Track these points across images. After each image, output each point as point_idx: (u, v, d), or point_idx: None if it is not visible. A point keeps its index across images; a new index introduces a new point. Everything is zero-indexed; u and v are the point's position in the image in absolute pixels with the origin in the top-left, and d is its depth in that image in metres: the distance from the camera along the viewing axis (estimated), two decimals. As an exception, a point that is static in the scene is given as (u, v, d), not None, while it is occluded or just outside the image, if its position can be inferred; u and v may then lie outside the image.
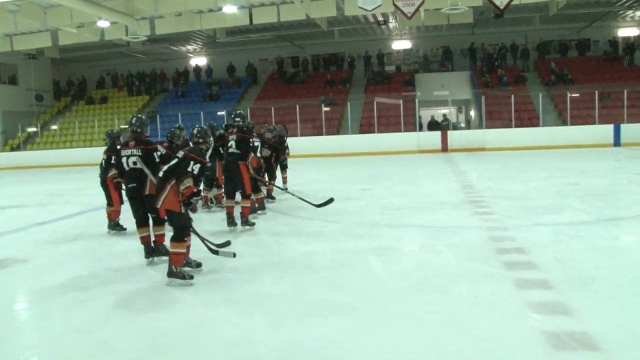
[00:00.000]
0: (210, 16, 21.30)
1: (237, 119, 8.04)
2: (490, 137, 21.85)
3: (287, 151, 11.22)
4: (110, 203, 8.15)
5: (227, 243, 6.21)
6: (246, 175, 7.78)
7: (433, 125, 24.40)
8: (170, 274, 5.24)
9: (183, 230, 5.37)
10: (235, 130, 7.97)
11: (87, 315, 4.57)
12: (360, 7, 17.48)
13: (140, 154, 6.05)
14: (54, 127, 29.00)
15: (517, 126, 22.41)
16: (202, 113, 24.06)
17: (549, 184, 11.16)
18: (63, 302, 4.95)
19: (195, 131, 5.89)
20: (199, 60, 32.36)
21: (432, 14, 22.00)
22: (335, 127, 24.83)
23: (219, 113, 25.19)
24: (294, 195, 9.32)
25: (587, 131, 21.23)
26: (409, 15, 17.13)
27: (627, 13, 26.07)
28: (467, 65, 28.29)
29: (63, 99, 32.44)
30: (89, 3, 17.62)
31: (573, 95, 22.80)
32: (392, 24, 26.24)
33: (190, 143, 6.58)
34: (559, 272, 5.09)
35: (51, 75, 32.87)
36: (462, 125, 29.17)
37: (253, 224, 7.85)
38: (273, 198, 10.23)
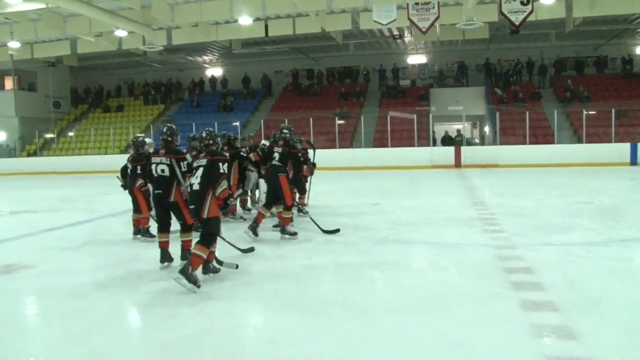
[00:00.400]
0: (226, 27, 21.42)
1: (284, 131, 8.18)
2: (504, 153, 21.66)
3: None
4: (138, 210, 8.15)
5: (251, 249, 6.76)
6: (286, 187, 7.85)
7: (447, 141, 24.25)
8: (183, 272, 5.24)
9: (212, 237, 5.54)
10: (281, 142, 8.09)
11: (86, 323, 4.54)
12: (375, 21, 17.42)
13: (168, 162, 6.14)
14: (71, 133, 29.30)
15: (531, 143, 22.19)
16: (216, 123, 24.09)
17: (561, 202, 11.01)
18: (64, 309, 4.94)
19: (204, 134, 5.99)
20: (215, 71, 32.59)
21: (447, 28, 21.93)
22: (349, 140, 24.78)
23: (233, 124, 25.29)
24: (306, 213, 9.47)
25: (602, 149, 20.93)
26: (423, 30, 17.05)
27: (645, 31, 25.84)
28: (482, 80, 28.17)
29: (80, 107, 32.77)
30: (107, 13, 17.80)
31: (589, 112, 22.56)
32: (408, 38, 26.23)
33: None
34: (567, 293, 4.97)
35: (69, 83, 33.24)
36: (476, 141, 29.01)
37: (295, 233, 7.85)
38: (305, 212, 9.84)
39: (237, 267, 5.85)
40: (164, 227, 6.36)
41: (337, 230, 8.19)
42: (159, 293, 5.34)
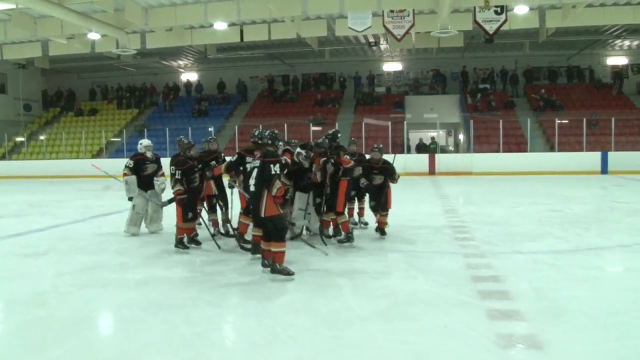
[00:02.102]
0: (201, 32, 21.25)
1: (339, 135, 8.20)
2: (478, 161, 21.83)
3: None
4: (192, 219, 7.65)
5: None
6: (342, 192, 7.67)
7: (421, 148, 24.37)
8: (274, 270, 5.83)
9: (283, 232, 5.94)
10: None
11: (43, 333, 4.41)
12: (350, 28, 17.46)
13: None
14: (42, 137, 28.78)
15: (504, 151, 22.41)
16: (190, 129, 23.91)
17: (532, 210, 11.09)
18: (21, 318, 4.79)
19: (267, 133, 6.28)
20: (190, 76, 32.36)
21: (422, 36, 22.06)
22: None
23: (209, 129, 25.10)
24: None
25: (574, 158, 21.29)
26: (399, 37, 17.13)
27: (616, 42, 26.35)
28: (457, 88, 28.41)
29: (51, 110, 32.24)
30: (79, 15, 17.53)
31: (561, 121, 22.90)
32: (383, 45, 26.35)
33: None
34: (533, 302, 4.97)
35: (40, 86, 32.72)
36: (451, 148, 29.21)
37: (348, 240, 7.62)
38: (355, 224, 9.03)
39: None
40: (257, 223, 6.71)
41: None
42: (123, 302, 5.22)
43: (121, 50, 20.72)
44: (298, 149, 7.78)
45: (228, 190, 8.33)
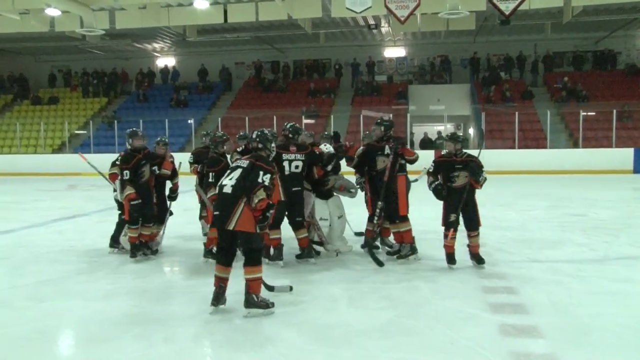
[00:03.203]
0: (179, 11, 21.16)
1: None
2: (490, 158, 21.65)
3: None
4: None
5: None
6: (403, 191, 7.40)
7: (426, 144, 24.40)
8: (249, 303, 5.14)
9: (259, 253, 5.34)
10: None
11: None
12: (348, 9, 17.43)
13: (303, 158, 7.04)
14: (-9, 128, 28.55)
15: (520, 147, 22.43)
16: (167, 121, 23.87)
17: (551, 214, 11.12)
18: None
19: (254, 135, 5.77)
20: (167, 61, 32.24)
21: (429, 18, 22.04)
22: (317, 141, 24.67)
23: (189, 121, 25.06)
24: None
25: (601, 155, 21.20)
26: (402, 19, 17.11)
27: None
28: (467, 77, 28.47)
29: (3, 97, 31.78)
30: (34, -14, 17.27)
31: (587, 113, 22.80)
32: (385, 28, 26.33)
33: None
34: (553, 317, 4.98)
35: (-10, 68, 32.37)
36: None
37: (413, 252, 7.25)
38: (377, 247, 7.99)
39: (290, 289, 5.78)
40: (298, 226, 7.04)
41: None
42: (90, 316, 5.20)
43: (86, 30, 20.45)
44: (323, 146, 7.74)
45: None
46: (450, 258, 6.71)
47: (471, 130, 27.85)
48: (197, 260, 7.33)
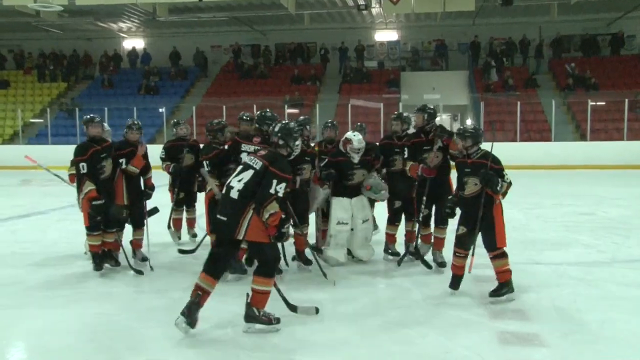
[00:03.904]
0: (148, -13, 21.05)
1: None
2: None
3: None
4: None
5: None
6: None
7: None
8: (250, 317, 4.92)
9: (273, 264, 5.09)
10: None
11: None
12: (335, -14, 17.44)
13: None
14: None
15: (523, 140, 22.51)
16: (135, 109, 23.70)
17: (556, 213, 11.18)
18: None
19: (277, 128, 5.38)
20: (135, 43, 31.90)
21: (424, -2, 22.08)
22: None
23: (160, 110, 24.89)
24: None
25: (611, 149, 21.26)
26: (394, -2, 17.14)
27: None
28: (465, 63, 28.53)
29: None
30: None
31: (596, 103, 22.83)
32: (375, 9, 26.26)
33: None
34: (557, 324, 5.01)
35: None
36: (456, 136, 29.26)
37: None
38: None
39: (317, 311, 5.32)
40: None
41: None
42: (48, 326, 5.14)
43: (41, 5, 20.10)
44: (351, 134, 7.14)
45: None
46: (454, 282, 5.96)
47: (468, 122, 27.91)
48: (173, 261, 7.29)
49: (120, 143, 7.21)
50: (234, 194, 4.94)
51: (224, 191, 5.11)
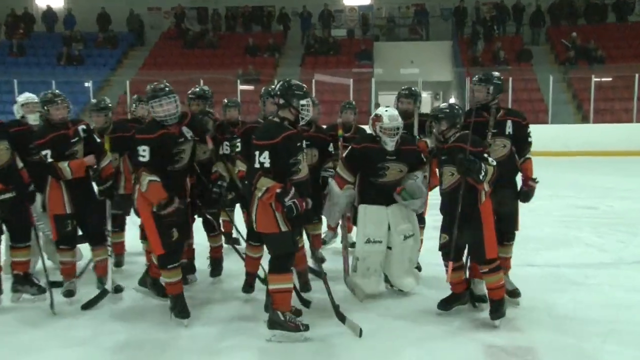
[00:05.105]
0: None
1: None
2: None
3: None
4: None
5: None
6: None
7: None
8: (274, 322, 4.97)
9: (286, 258, 5.13)
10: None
11: None
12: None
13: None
14: None
15: (515, 122, 22.57)
16: (54, 82, 23.26)
17: (553, 206, 11.24)
18: None
19: (277, 87, 5.19)
20: (51, 1, 31.30)
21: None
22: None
23: (86, 84, 24.48)
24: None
25: (618, 132, 21.33)
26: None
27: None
28: (449, 33, 28.70)
29: None
30: None
31: (601, 79, 22.95)
32: (345, -34, 26.37)
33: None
34: (554, 336, 5.06)
35: None
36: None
37: None
38: None
39: (360, 333, 5.02)
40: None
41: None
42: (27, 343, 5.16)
43: None
44: (382, 110, 6.16)
45: None
46: (452, 299, 5.58)
47: (452, 100, 28.05)
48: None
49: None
50: (303, 174, 5.19)
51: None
